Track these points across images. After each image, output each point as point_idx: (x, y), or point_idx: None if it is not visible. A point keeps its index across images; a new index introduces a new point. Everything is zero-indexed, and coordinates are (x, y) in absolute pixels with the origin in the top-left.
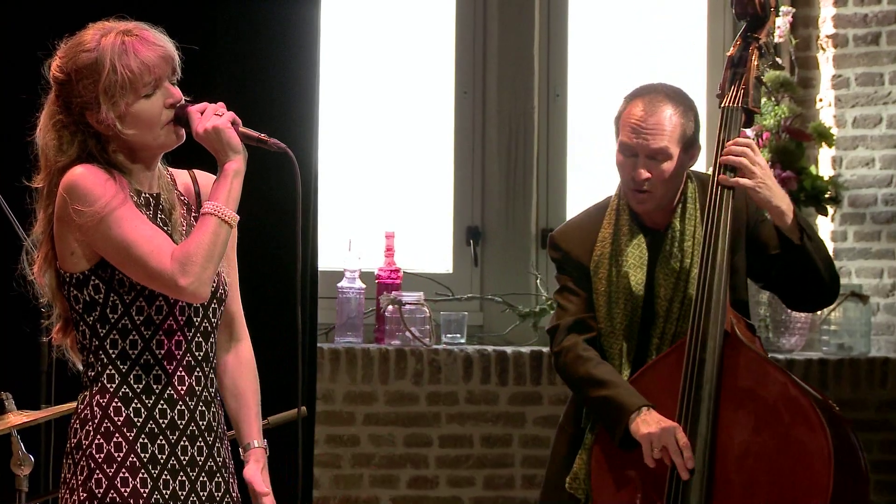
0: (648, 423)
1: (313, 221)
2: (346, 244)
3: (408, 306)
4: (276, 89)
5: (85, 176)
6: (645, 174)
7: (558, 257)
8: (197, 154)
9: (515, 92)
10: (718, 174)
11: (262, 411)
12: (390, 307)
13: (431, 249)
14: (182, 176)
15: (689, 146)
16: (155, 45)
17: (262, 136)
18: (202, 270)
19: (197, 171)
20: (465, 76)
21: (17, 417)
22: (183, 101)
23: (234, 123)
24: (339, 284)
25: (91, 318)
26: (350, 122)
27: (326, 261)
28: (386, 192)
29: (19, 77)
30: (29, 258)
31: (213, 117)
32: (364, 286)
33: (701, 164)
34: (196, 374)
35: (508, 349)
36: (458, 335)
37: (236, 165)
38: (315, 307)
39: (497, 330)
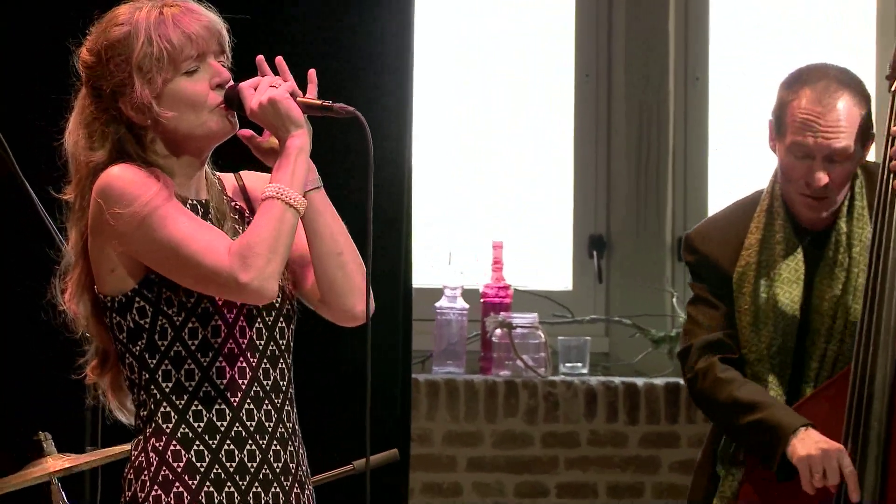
0: (807, 444)
1: (407, 230)
2: (445, 257)
3: (519, 330)
4: (364, 78)
5: (121, 175)
6: (824, 178)
7: (694, 261)
8: (242, 156)
9: (647, 75)
10: (890, 176)
11: (347, 456)
12: (498, 331)
13: (547, 263)
14: (228, 180)
15: (867, 139)
16: (199, 14)
17: (326, 101)
18: (267, 263)
19: (243, 172)
20: (586, 57)
21: (58, 462)
22: (233, 83)
23: (293, 95)
24: (438, 304)
25: (137, 348)
26: (449, 116)
27: (423, 276)
28: (493, 196)
29: (49, 73)
30: (61, 283)
31: (268, 90)
32: (467, 306)
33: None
34: (265, 407)
35: (639, 381)
36: (580, 364)
37: (299, 141)
38: (409, 331)
39: (625, 358)
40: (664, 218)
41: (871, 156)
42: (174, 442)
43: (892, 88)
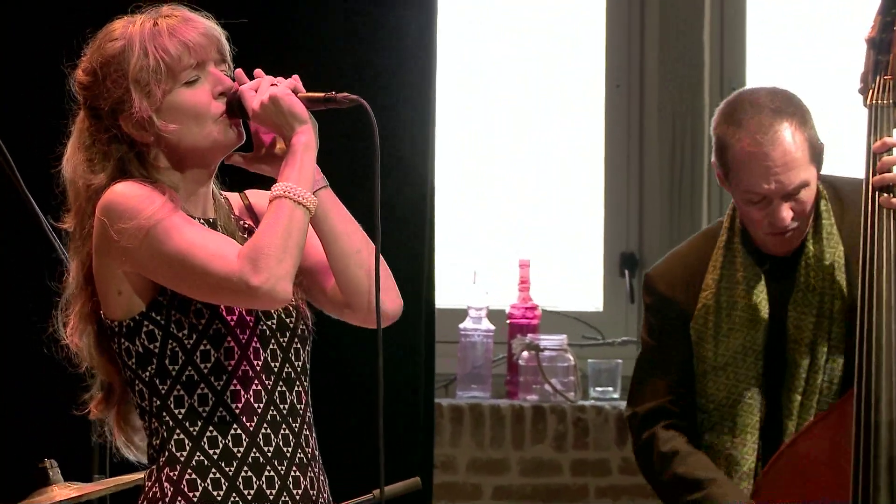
0: None
1: (429, 248)
2: (470, 276)
3: (547, 352)
4: (384, 88)
5: (124, 191)
6: (788, 216)
7: (652, 303)
8: (250, 174)
9: (680, 85)
10: (875, 194)
11: (369, 483)
12: (525, 354)
13: (576, 282)
14: (234, 199)
15: (819, 155)
16: (195, 22)
17: (329, 93)
18: (278, 264)
19: (249, 191)
20: (618, 66)
21: (64, 491)
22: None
23: (295, 92)
24: (462, 325)
25: (147, 374)
26: (474, 128)
27: (446, 297)
28: (519, 212)
29: (45, 98)
30: (63, 316)
31: (269, 88)
32: (493, 328)
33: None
34: (283, 431)
35: None
36: (611, 388)
37: (305, 138)
38: (432, 354)
39: None
40: None
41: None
42: (189, 471)
43: (867, 102)
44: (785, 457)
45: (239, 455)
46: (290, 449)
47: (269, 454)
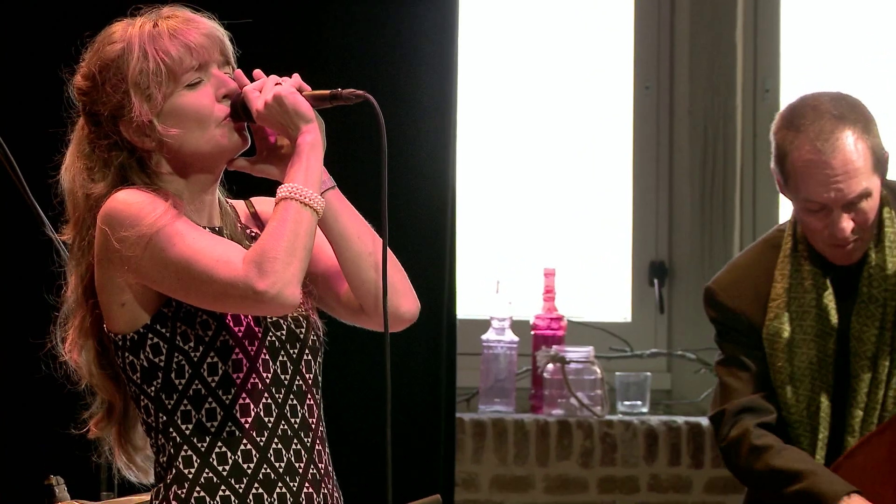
0: None
1: (450, 256)
2: (493, 285)
3: (573, 365)
4: (404, 91)
5: (126, 198)
6: (849, 227)
7: (718, 317)
8: (256, 181)
9: (712, 86)
10: None
11: (384, 499)
12: (551, 366)
13: (604, 291)
14: (240, 207)
15: (883, 163)
16: (197, 23)
17: (335, 90)
18: (285, 267)
19: (254, 199)
20: (647, 66)
21: None
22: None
23: (300, 90)
24: (485, 337)
25: (153, 388)
26: (496, 131)
27: (468, 307)
28: (544, 218)
29: (45, 106)
30: (61, 332)
31: (272, 88)
32: (517, 339)
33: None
34: (294, 446)
35: (704, 420)
36: (639, 402)
37: (311, 137)
38: (453, 366)
39: (689, 395)
40: (731, 242)
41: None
42: (198, 488)
43: None
44: (843, 469)
45: (249, 471)
46: (302, 464)
47: (281, 470)
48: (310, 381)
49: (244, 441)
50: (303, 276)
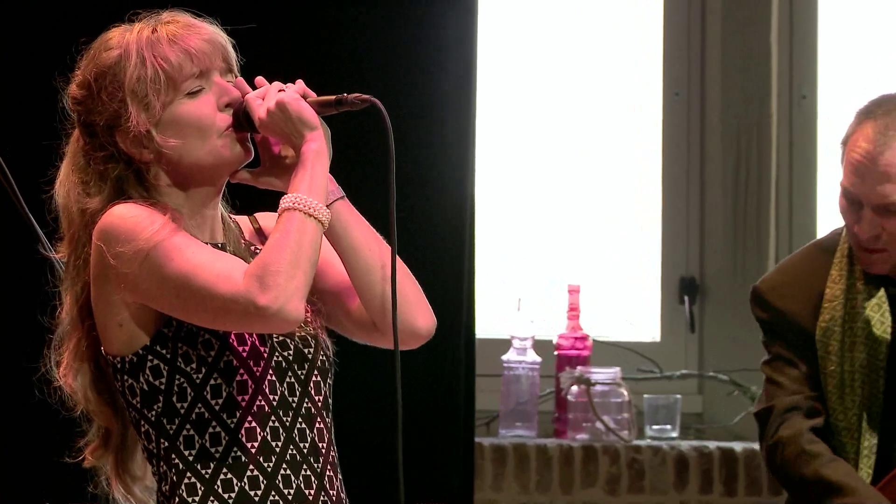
0: None
1: (469, 272)
2: (514, 303)
3: (599, 387)
4: (420, 97)
5: (122, 213)
6: (872, 231)
7: (768, 318)
8: (261, 195)
9: (745, 93)
10: None
11: None
12: (575, 388)
13: (631, 309)
14: (244, 223)
15: None
16: (198, 28)
17: (340, 95)
18: (288, 281)
19: (258, 214)
20: (676, 72)
21: None
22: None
23: (304, 97)
24: (505, 357)
25: (153, 413)
26: (518, 142)
27: (488, 326)
28: (568, 232)
29: (39, 117)
30: (55, 355)
31: (275, 94)
32: (539, 360)
33: None
34: (304, 472)
35: (737, 446)
36: (669, 426)
37: (315, 145)
38: (472, 388)
39: (722, 419)
40: (766, 257)
41: None
42: None
43: None
44: (889, 488)
45: (257, 499)
46: (312, 491)
47: (290, 497)
48: (319, 404)
49: (251, 467)
50: (307, 290)
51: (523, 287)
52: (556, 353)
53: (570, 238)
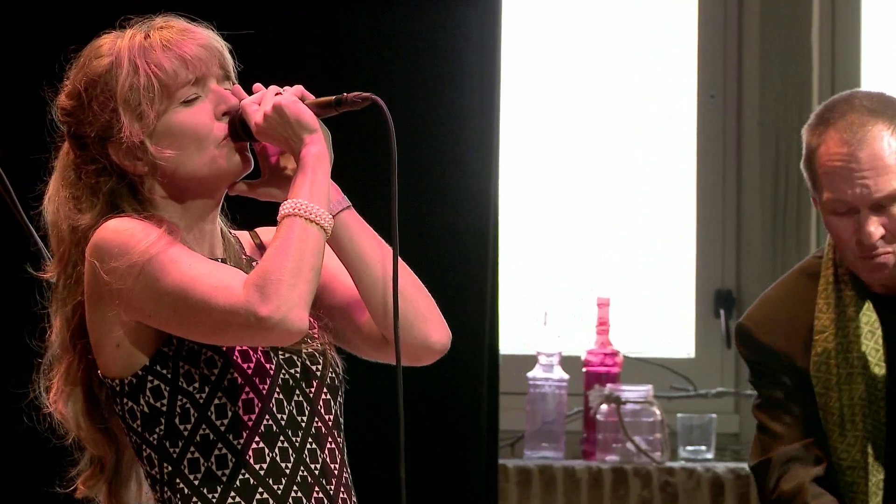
0: None
1: (493, 285)
2: (539, 317)
3: (630, 406)
4: (442, 102)
5: (116, 227)
6: (877, 231)
7: (755, 357)
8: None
9: (785, 95)
10: None
11: None
12: (605, 407)
13: (664, 324)
14: (245, 238)
15: None
16: (193, 33)
17: (340, 95)
18: (290, 290)
19: (259, 229)
20: (712, 73)
21: None
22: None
23: (302, 99)
24: (531, 374)
25: (155, 436)
26: (544, 147)
27: (512, 341)
28: (596, 243)
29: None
30: (45, 380)
31: (272, 99)
32: (567, 377)
33: None
34: (316, 495)
35: None
36: (704, 447)
37: (315, 149)
38: (495, 407)
39: None
40: None
41: None
42: None
43: None
44: None
45: None
46: None
47: None
48: (330, 423)
49: (260, 490)
50: (311, 299)
51: (549, 300)
52: (584, 369)
53: (598, 248)
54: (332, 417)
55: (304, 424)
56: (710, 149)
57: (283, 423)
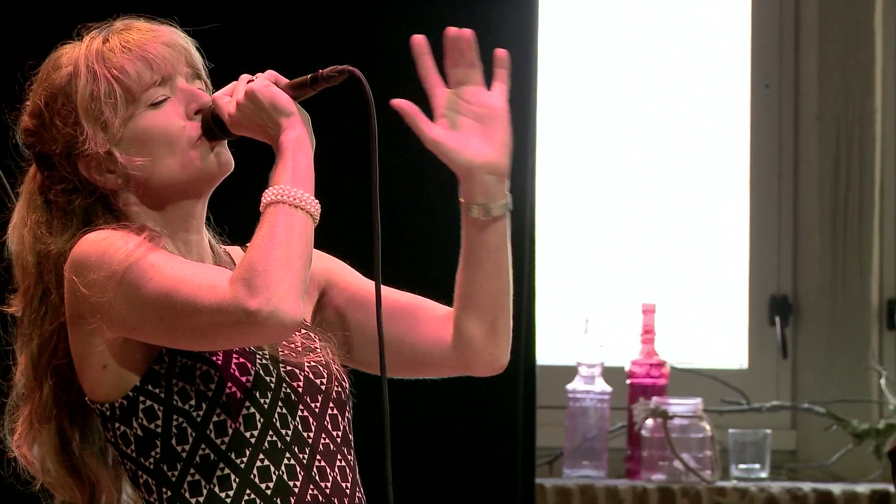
0: None
1: (529, 292)
2: (580, 325)
3: (678, 420)
4: None
5: (94, 239)
6: None
7: None
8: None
9: (845, 86)
10: None
11: None
12: (650, 422)
13: (714, 332)
14: (235, 252)
15: None
16: (156, 32)
17: (317, 72)
18: (279, 280)
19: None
20: (766, 62)
21: None
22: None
23: (276, 83)
24: (570, 387)
25: (151, 460)
26: (584, 144)
27: (550, 351)
28: (641, 246)
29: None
30: (10, 422)
31: (243, 87)
32: (609, 389)
33: None
34: None
35: (836, 487)
36: (757, 465)
37: (294, 132)
38: (532, 423)
39: (818, 458)
40: (869, 273)
41: None
42: None
43: None
44: None
45: None
46: None
47: None
48: (339, 440)
49: None
50: (303, 289)
51: (591, 307)
52: (628, 381)
53: (643, 251)
54: (340, 434)
55: (310, 441)
56: (765, 144)
57: (287, 439)
